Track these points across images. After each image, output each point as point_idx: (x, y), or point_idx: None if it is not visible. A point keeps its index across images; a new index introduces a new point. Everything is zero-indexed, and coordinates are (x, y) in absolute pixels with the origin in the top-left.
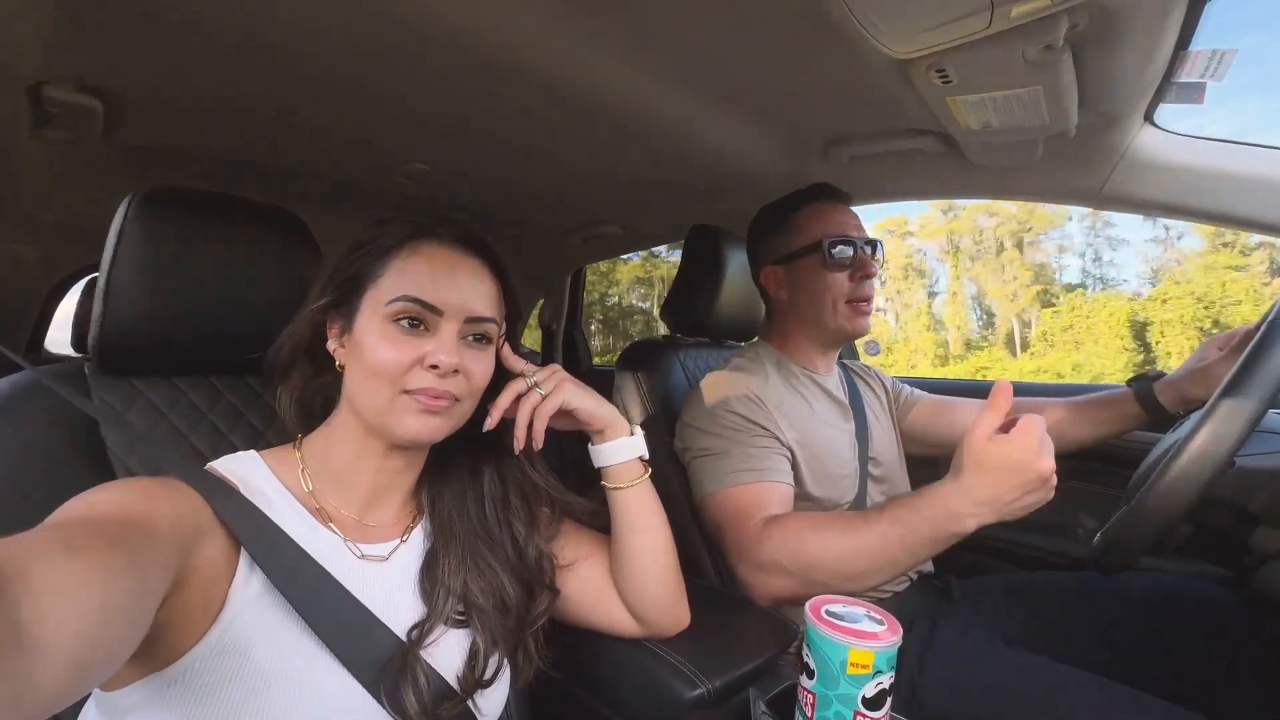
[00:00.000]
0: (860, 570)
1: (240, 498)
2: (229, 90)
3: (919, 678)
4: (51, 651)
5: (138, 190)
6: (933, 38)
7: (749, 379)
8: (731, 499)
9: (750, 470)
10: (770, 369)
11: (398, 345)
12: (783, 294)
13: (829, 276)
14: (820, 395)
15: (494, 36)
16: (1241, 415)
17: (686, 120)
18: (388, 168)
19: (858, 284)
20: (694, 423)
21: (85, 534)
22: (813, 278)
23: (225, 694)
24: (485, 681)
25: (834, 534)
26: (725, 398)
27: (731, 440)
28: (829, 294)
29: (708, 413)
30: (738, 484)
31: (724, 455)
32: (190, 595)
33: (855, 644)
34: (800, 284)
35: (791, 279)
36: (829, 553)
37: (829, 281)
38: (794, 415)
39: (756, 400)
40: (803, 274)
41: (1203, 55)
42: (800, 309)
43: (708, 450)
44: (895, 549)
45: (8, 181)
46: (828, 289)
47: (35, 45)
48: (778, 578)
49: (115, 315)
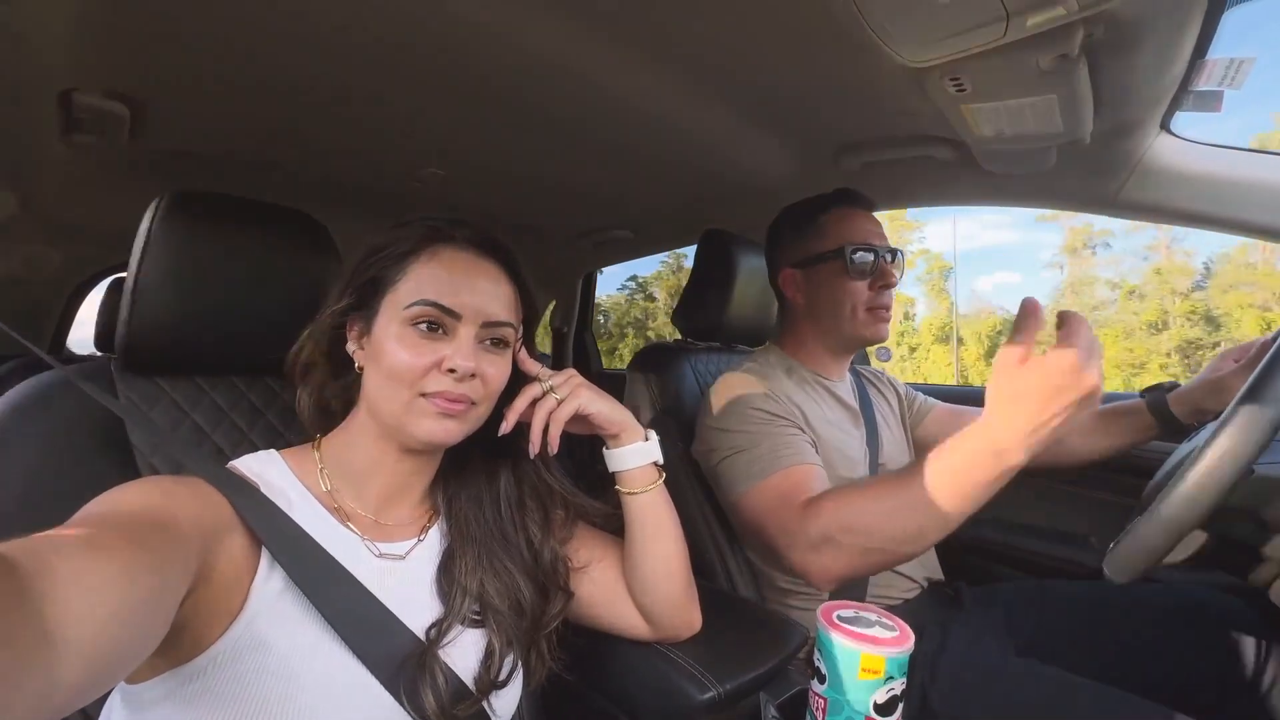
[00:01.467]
0: (914, 528)
1: (261, 496)
2: (249, 97)
3: (930, 685)
4: (74, 649)
5: (165, 194)
6: (948, 46)
7: (765, 378)
8: (770, 489)
9: (782, 457)
10: (781, 374)
11: (415, 349)
12: (800, 298)
13: (850, 284)
14: (831, 401)
15: (508, 43)
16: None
17: (698, 125)
18: (403, 172)
19: (878, 293)
20: (717, 424)
21: (108, 533)
22: (833, 284)
23: (245, 689)
24: (500, 682)
25: (880, 495)
26: (746, 395)
27: (760, 434)
28: (849, 301)
29: (731, 412)
30: (775, 470)
31: (755, 449)
32: (212, 593)
33: (867, 649)
34: (819, 289)
35: (810, 283)
36: (878, 515)
37: (850, 289)
38: (808, 414)
39: (775, 395)
40: (823, 279)
41: (1220, 63)
42: (818, 314)
43: (736, 448)
44: (947, 496)
45: (35, 185)
46: (848, 295)
47: (68, 52)
48: (833, 554)
49: (141, 315)
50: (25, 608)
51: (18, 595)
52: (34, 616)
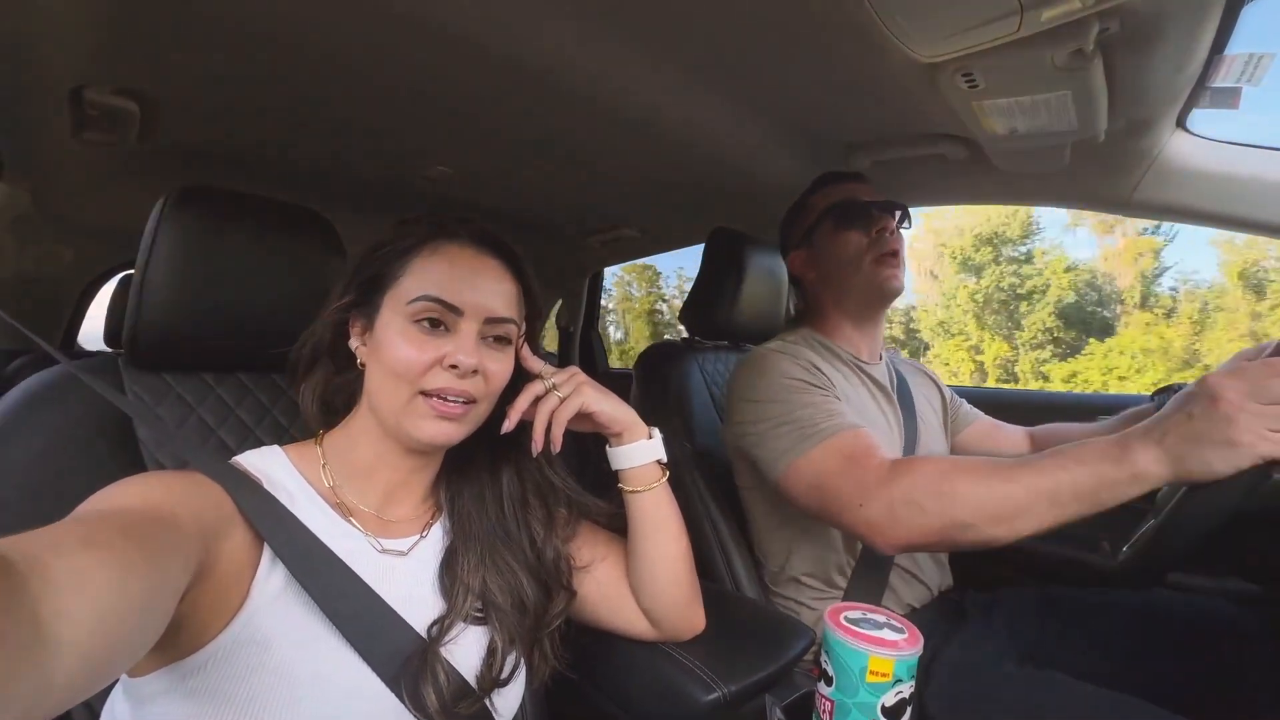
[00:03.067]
0: (1015, 509)
1: (263, 492)
2: (258, 94)
3: (925, 688)
4: (70, 648)
5: (172, 190)
6: (960, 41)
7: (796, 352)
8: (834, 449)
9: (837, 420)
10: (810, 350)
11: (418, 345)
12: (810, 273)
13: (845, 235)
14: (864, 382)
15: (515, 40)
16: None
17: (707, 123)
18: (411, 170)
19: (877, 239)
20: (756, 396)
21: (107, 530)
22: (830, 243)
23: (246, 685)
24: (502, 680)
25: (987, 474)
26: (783, 367)
27: (808, 401)
28: (848, 253)
29: (770, 383)
30: (837, 432)
31: (805, 416)
32: (212, 588)
33: (876, 651)
34: (821, 255)
35: (813, 254)
36: (982, 489)
37: (846, 239)
38: (840, 389)
39: (810, 367)
40: (821, 244)
41: (1239, 59)
42: (828, 279)
43: (782, 418)
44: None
45: (47, 183)
46: (846, 248)
47: (78, 50)
48: (917, 517)
49: (149, 311)
50: (20, 608)
51: (12, 595)
52: (29, 617)
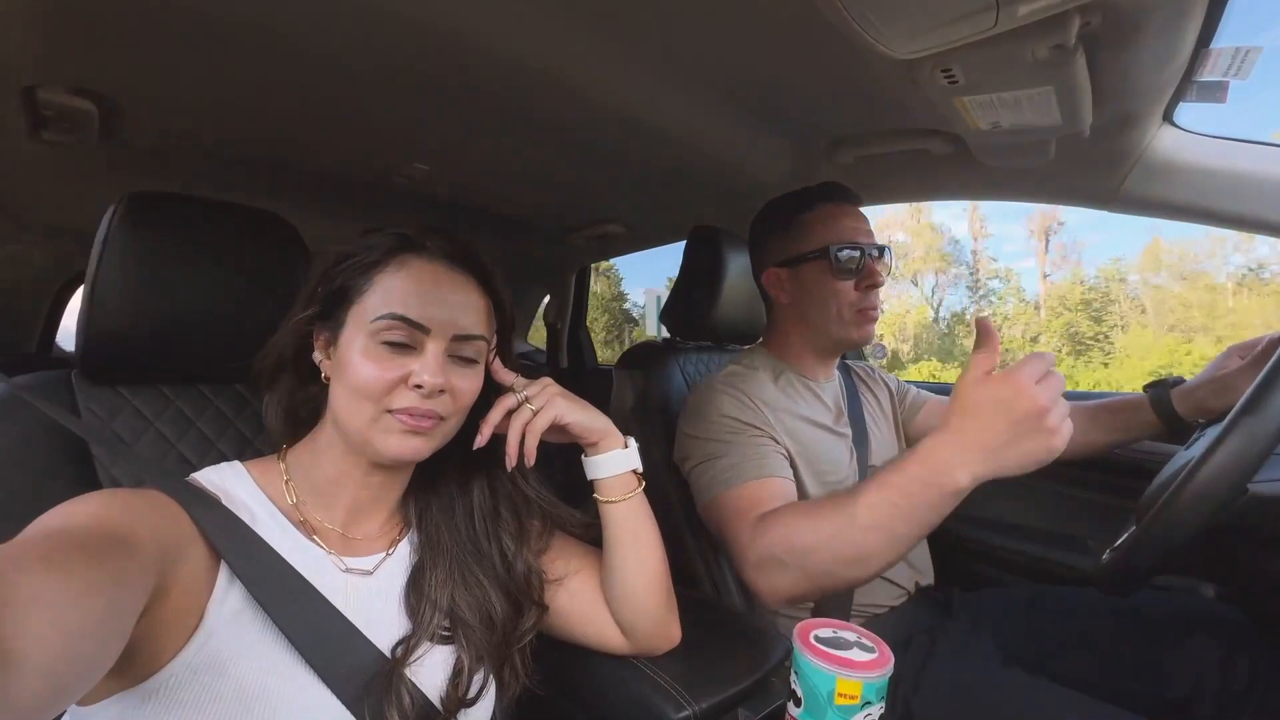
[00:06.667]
0: (859, 551)
1: (222, 509)
2: (223, 92)
3: (913, 696)
4: (30, 667)
5: (122, 196)
6: (935, 38)
7: (743, 383)
8: (729, 501)
9: (745, 470)
10: (764, 376)
11: (382, 364)
12: (785, 298)
13: (835, 284)
14: (816, 403)
15: (494, 36)
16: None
17: (689, 120)
18: (387, 168)
19: (864, 293)
20: (691, 432)
21: (63, 547)
22: (818, 284)
23: (200, 711)
24: (469, 700)
25: (823, 516)
26: (718, 403)
27: (728, 443)
28: (834, 302)
29: (703, 420)
30: (734, 484)
31: (721, 459)
32: (168, 609)
33: (843, 674)
34: (805, 289)
35: (795, 283)
36: (820, 535)
37: (835, 289)
38: (788, 419)
39: (749, 402)
40: (807, 279)
41: (1225, 52)
42: (804, 314)
43: (706, 456)
44: (891, 518)
45: (8, 184)
46: (834, 297)
47: (28, 48)
48: (778, 574)
49: (101, 322)
50: None
51: None
52: None
